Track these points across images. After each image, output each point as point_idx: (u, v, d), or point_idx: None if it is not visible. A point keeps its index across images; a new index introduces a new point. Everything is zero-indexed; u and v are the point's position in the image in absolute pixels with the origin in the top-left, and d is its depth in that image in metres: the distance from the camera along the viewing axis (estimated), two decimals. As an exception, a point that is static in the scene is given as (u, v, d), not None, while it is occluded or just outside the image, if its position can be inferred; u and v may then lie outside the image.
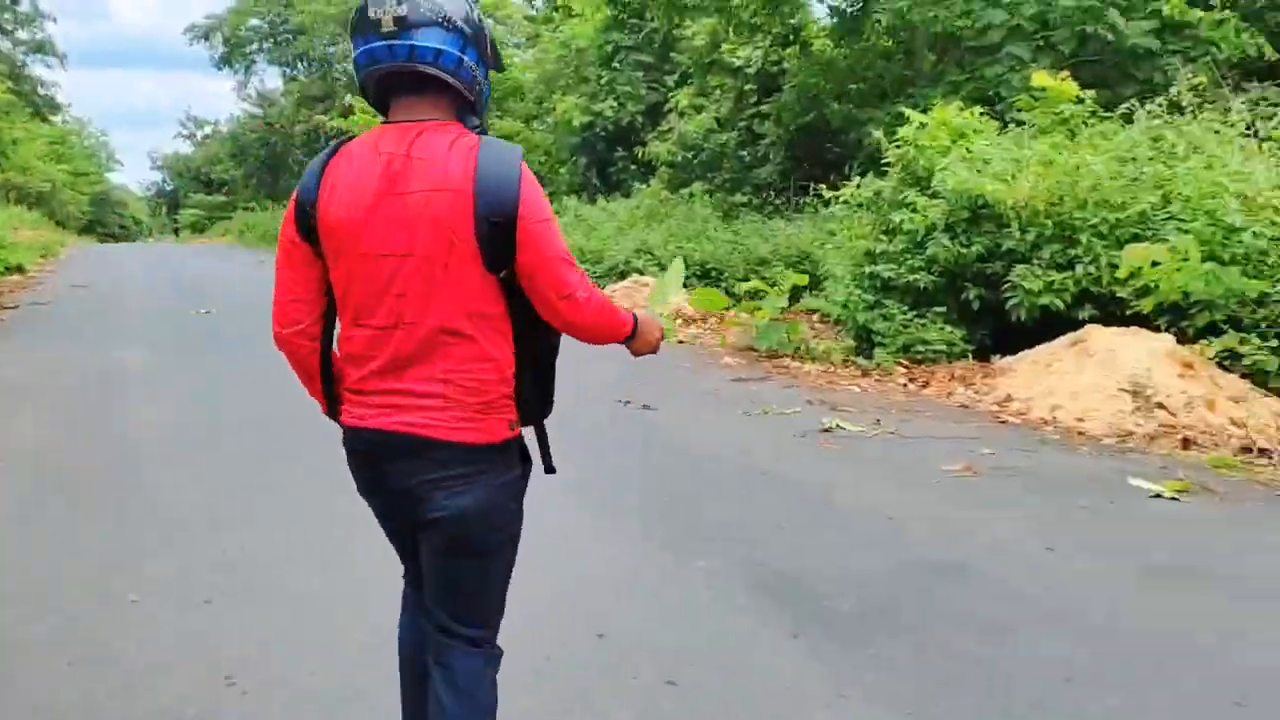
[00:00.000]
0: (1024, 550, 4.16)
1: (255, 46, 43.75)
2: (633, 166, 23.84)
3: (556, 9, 30.82)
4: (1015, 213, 8.80)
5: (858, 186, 9.93)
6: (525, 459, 2.12)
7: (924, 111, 10.09)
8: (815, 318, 11.23)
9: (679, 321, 11.71)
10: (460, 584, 2.04)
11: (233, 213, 57.99)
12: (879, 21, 14.81)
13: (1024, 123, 10.48)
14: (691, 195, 18.60)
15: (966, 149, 9.31)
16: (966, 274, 9.02)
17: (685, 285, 10.48)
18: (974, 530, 4.42)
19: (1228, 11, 12.38)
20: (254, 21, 42.85)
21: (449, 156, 1.87)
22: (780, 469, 5.44)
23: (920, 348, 8.84)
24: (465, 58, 1.91)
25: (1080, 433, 6.53)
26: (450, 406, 1.91)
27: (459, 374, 1.91)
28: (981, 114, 10.21)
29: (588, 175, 24.54)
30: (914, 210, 9.24)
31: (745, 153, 19.95)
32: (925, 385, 8.20)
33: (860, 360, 9.11)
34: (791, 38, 19.70)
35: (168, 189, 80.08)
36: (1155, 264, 7.33)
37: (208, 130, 70.52)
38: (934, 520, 4.55)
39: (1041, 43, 12.80)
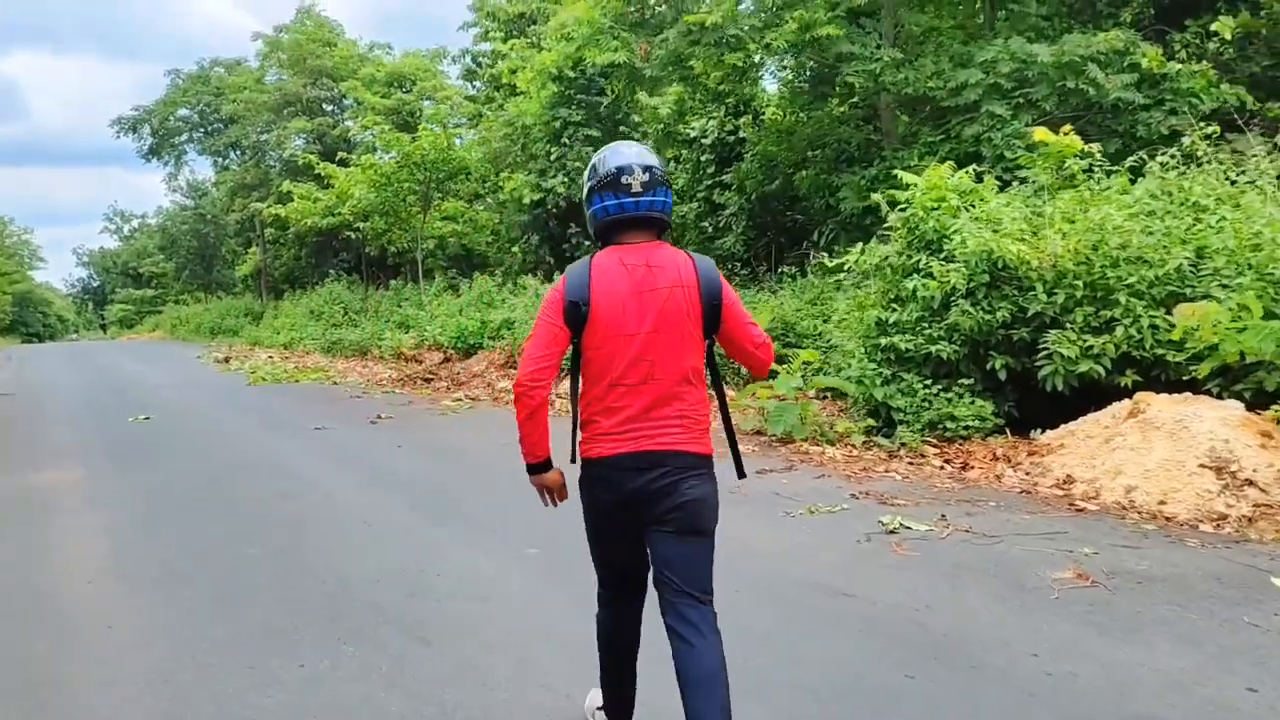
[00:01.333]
0: (1222, 696, 3.32)
1: (185, 137, 42.64)
2: (586, 243, 23.19)
3: (498, 88, 30.44)
4: (1039, 274, 8.17)
5: (861, 252, 9.23)
6: None
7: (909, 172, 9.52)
8: (813, 394, 10.44)
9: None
10: (695, 558, 2.82)
11: (163, 306, 56.36)
12: (847, 86, 14.37)
13: (1024, 180, 9.99)
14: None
15: (977, 210, 8.68)
16: (990, 342, 8.34)
17: None
18: (1141, 667, 3.57)
19: (1204, 63, 12.13)
20: (183, 111, 41.79)
21: (677, 265, 2.82)
22: (864, 589, 4.56)
23: (949, 424, 8.08)
24: (669, 200, 2.87)
25: (1167, 518, 5.77)
26: (686, 429, 2.79)
27: (690, 409, 2.81)
28: (978, 173, 9.63)
29: (540, 253, 23.80)
30: (928, 276, 8.57)
31: (707, 223, 19.42)
32: (966, 467, 7.41)
33: (882, 440, 8.33)
34: (743, 107, 19.38)
35: (94, 285, 78.00)
36: (1214, 323, 6.69)
37: (135, 224, 68.99)
38: (1086, 657, 3.69)
39: (1021, 100, 12.41)
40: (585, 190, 2.92)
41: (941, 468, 7.47)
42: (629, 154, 2.86)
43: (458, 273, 28.56)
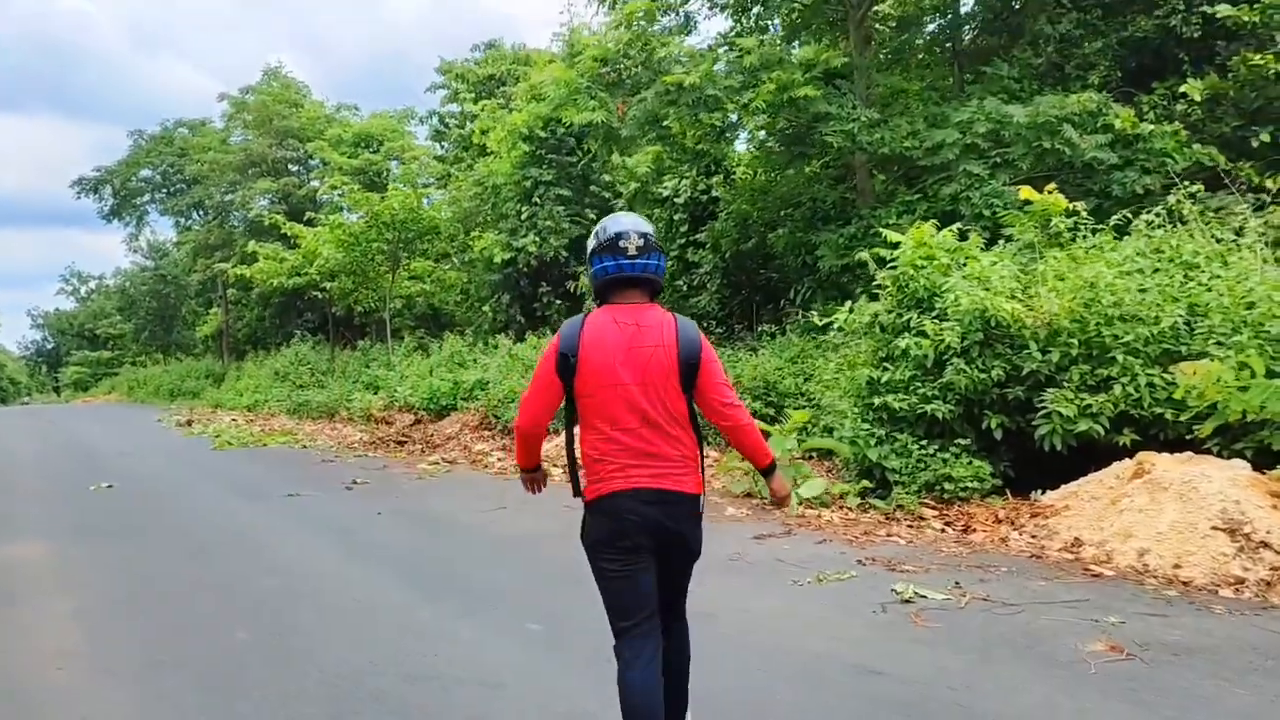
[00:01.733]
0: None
1: (147, 197, 42.19)
2: (557, 301, 23.08)
3: (466, 148, 30.48)
4: (1033, 333, 8.12)
5: (851, 310, 9.15)
6: None
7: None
8: (801, 455, 10.26)
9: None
10: (684, 582, 3.41)
11: (120, 368, 55.29)
12: (823, 145, 14.45)
13: (1008, 238, 10.01)
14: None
15: (968, 268, 8.64)
16: (985, 401, 8.25)
17: None
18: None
19: (1175, 124, 12.32)
20: (145, 172, 41.39)
21: (662, 327, 3.22)
22: (893, 666, 4.35)
23: (947, 485, 7.94)
24: (661, 264, 3.29)
25: (1184, 582, 5.64)
26: (689, 471, 3.22)
27: (689, 452, 3.23)
28: (962, 231, 9.61)
29: (511, 312, 23.61)
30: (920, 334, 8.50)
31: (681, 281, 19.37)
32: (968, 530, 7.26)
33: (878, 502, 8.17)
34: (714, 167, 19.48)
35: (48, 347, 76.50)
36: (1217, 380, 6.62)
37: (93, 285, 68.03)
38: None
39: (998, 159, 12.52)
40: (588, 252, 3.32)
41: (943, 531, 7.32)
42: (627, 222, 3.28)
43: (426, 332, 28.29)
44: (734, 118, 15.23)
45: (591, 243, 3.29)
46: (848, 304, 9.46)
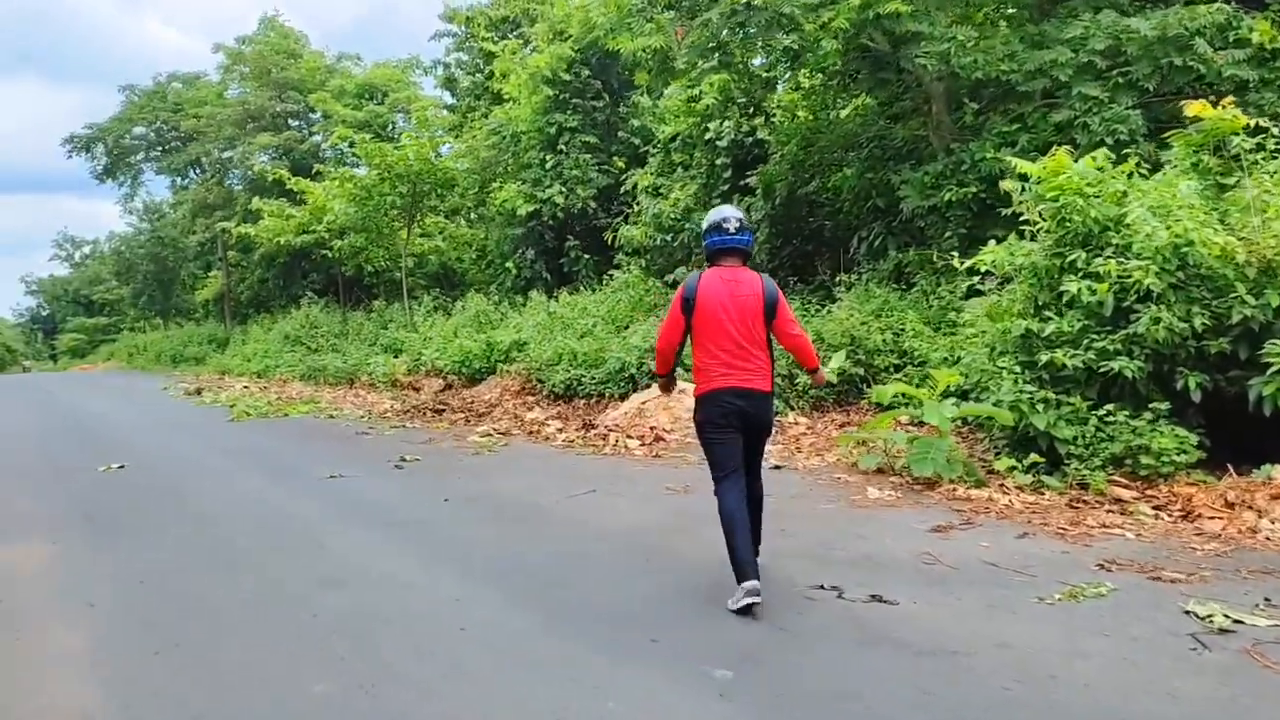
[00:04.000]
0: None
1: (141, 156, 40.38)
2: (586, 256, 21.58)
3: (479, 96, 28.78)
4: (1239, 272, 6.69)
5: (1007, 250, 7.70)
6: None
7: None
8: (907, 422, 8.84)
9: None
10: (761, 447, 5.06)
11: (117, 335, 53.74)
12: (904, 73, 12.90)
13: (1162, 165, 8.54)
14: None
15: (1149, 196, 7.19)
16: (1178, 356, 6.83)
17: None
18: None
19: (1321, 36, 10.76)
20: (139, 129, 39.53)
21: (753, 281, 4.84)
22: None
23: (1144, 459, 6.54)
24: (750, 239, 4.94)
25: None
26: (763, 375, 4.81)
27: (763, 363, 4.82)
28: (1117, 156, 8.14)
29: (536, 268, 22.10)
30: (1090, 277, 7.07)
31: (728, 231, 17.83)
32: (1188, 515, 5.88)
33: (1051, 480, 6.78)
34: (753, 109, 17.91)
35: (43, 314, 74.88)
36: None
37: (87, 250, 66.28)
38: None
39: (1118, 79, 10.99)
40: (703, 231, 5.06)
41: (1156, 517, 5.93)
42: (728, 211, 4.98)
43: (441, 292, 26.78)
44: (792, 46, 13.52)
45: (704, 225, 5.04)
46: (990, 244, 8.00)
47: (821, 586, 4.78)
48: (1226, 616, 4.02)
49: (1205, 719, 3.20)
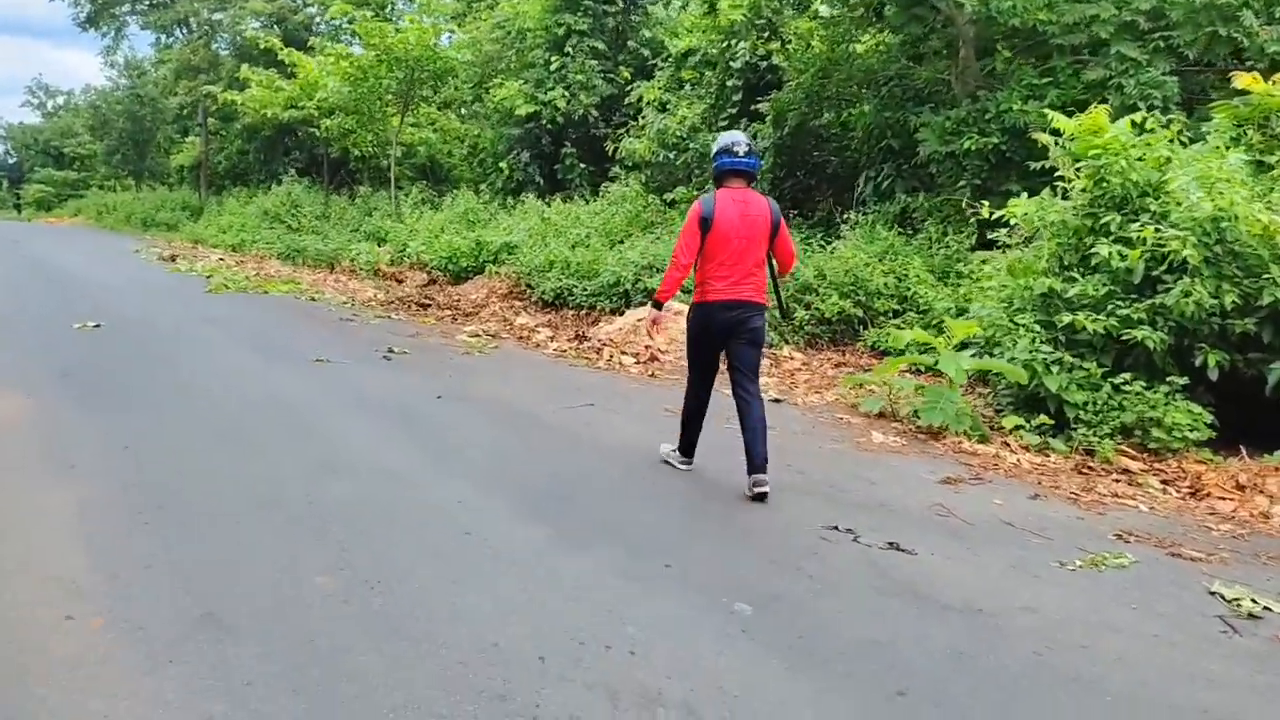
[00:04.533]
0: None
1: (127, 7, 38.87)
2: (582, 165, 21.09)
3: (486, -16, 27.81)
4: (1275, 254, 6.56)
5: (1039, 205, 7.49)
6: None
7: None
8: (924, 375, 8.71)
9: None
10: (755, 357, 5.34)
11: (86, 191, 52.30)
12: (933, 11, 12.50)
13: (1200, 135, 8.34)
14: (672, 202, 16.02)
15: (1197, 164, 7.00)
16: (1200, 332, 6.72)
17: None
18: None
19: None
20: (126, -22, 38.06)
21: (761, 203, 5.25)
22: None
23: (1155, 432, 6.46)
24: (756, 163, 5.30)
25: None
26: (759, 290, 5.26)
27: (761, 279, 5.28)
28: (1162, 121, 7.91)
29: (530, 171, 21.58)
30: (1120, 241, 6.91)
31: (732, 156, 17.44)
32: (1197, 494, 5.82)
33: (1057, 443, 6.70)
34: (769, 34, 17.40)
35: (10, 161, 72.65)
36: None
37: (61, 100, 64.15)
38: None
39: (1160, 42, 10.71)
40: (713, 153, 5.50)
41: (1164, 491, 5.87)
42: (738, 135, 5.38)
43: (428, 184, 26.17)
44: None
45: (714, 148, 5.49)
46: (1023, 195, 7.79)
47: (836, 528, 4.67)
48: (1255, 602, 3.95)
49: (1247, 706, 3.12)
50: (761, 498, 5.02)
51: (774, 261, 5.44)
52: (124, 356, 8.32)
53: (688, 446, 5.69)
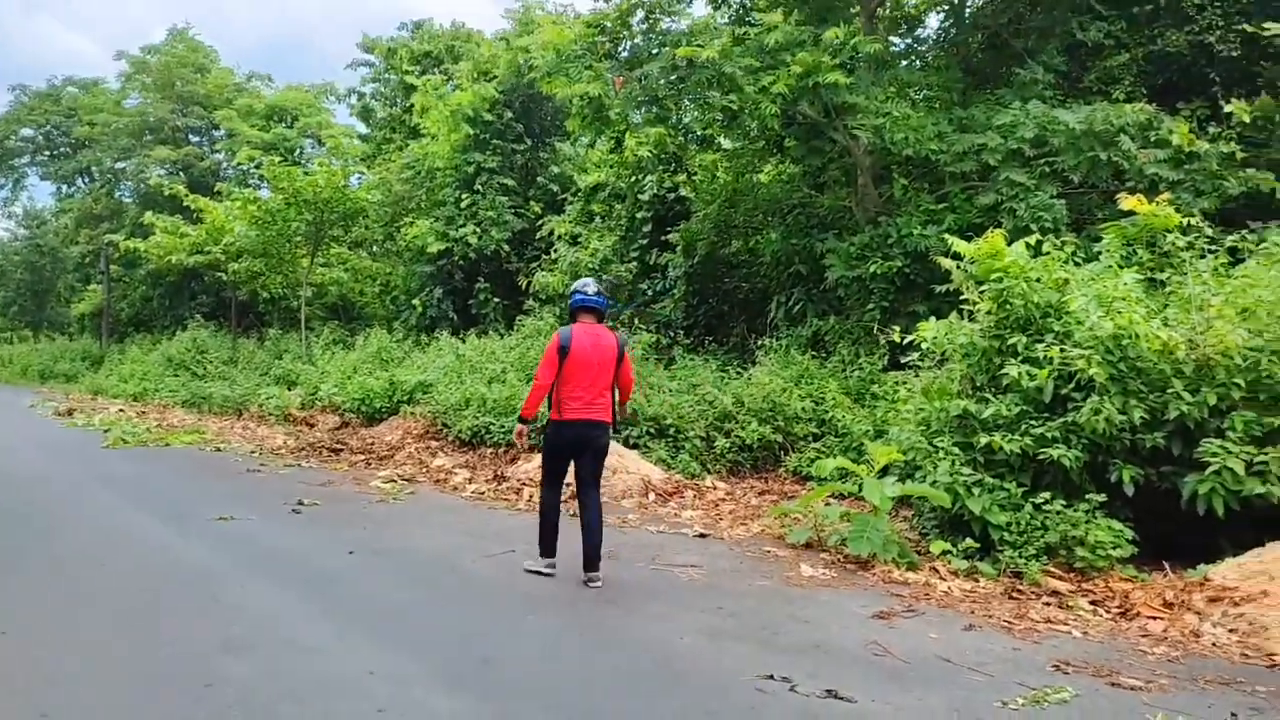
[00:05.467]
0: None
1: (27, 159, 38.37)
2: (495, 299, 21.09)
3: (395, 129, 28.24)
4: (1175, 368, 6.74)
5: (946, 330, 7.62)
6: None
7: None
8: (847, 501, 8.65)
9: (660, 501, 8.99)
10: (598, 467, 6.35)
11: (-18, 344, 50.58)
12: (830, 144, 12.99)
13: (1089, 257, 8.67)
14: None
15: (1097, 285, 7.23)
16: (1111, 448, 6.82)
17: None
18: None
19: (1234, 145, 11.18)
20: (26, 131, 37.64)
21: (609, 336, 6.37)
22: None
23: (1080, 551, 6.46)
24: (605, 302, 6.49)
25: None
26: (607, 411, 6.27)
27: (608, 401, 6.28)
28: (1037, 245, 8.17)
29: (443, 308, 21.51)
30: (1028, 361, 7.05)
31: (645, 285, 17.69)
32: (1126, 614, 5.78)
33: (985, 567, 6.65)
34: (676, 166, 17.92)
35: (-100, 316, 70.00)
36: None
37: (-45, 251, 62.46)
38: None
39: (1045, 168, 11.24)
40: (570, 292, 6.58)
41: (1094, 613, 5.82)
42: (588, 281, 6.53)
43: (339, 324, 25.89)
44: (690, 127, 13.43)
45: (571, 289, 6.53)
46: (931, 321, 7.93)
47: (771, 677, 4.47)
48: (1198, 731, 3.86)
49: None
50: (592, 582, 6.15)
51: (617, 389, 6.43)
52: (7, 522, 7.80)
53: (548, 549, 6.41)
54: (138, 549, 7.01)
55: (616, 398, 6.46)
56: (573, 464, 6.31)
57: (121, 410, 19.99)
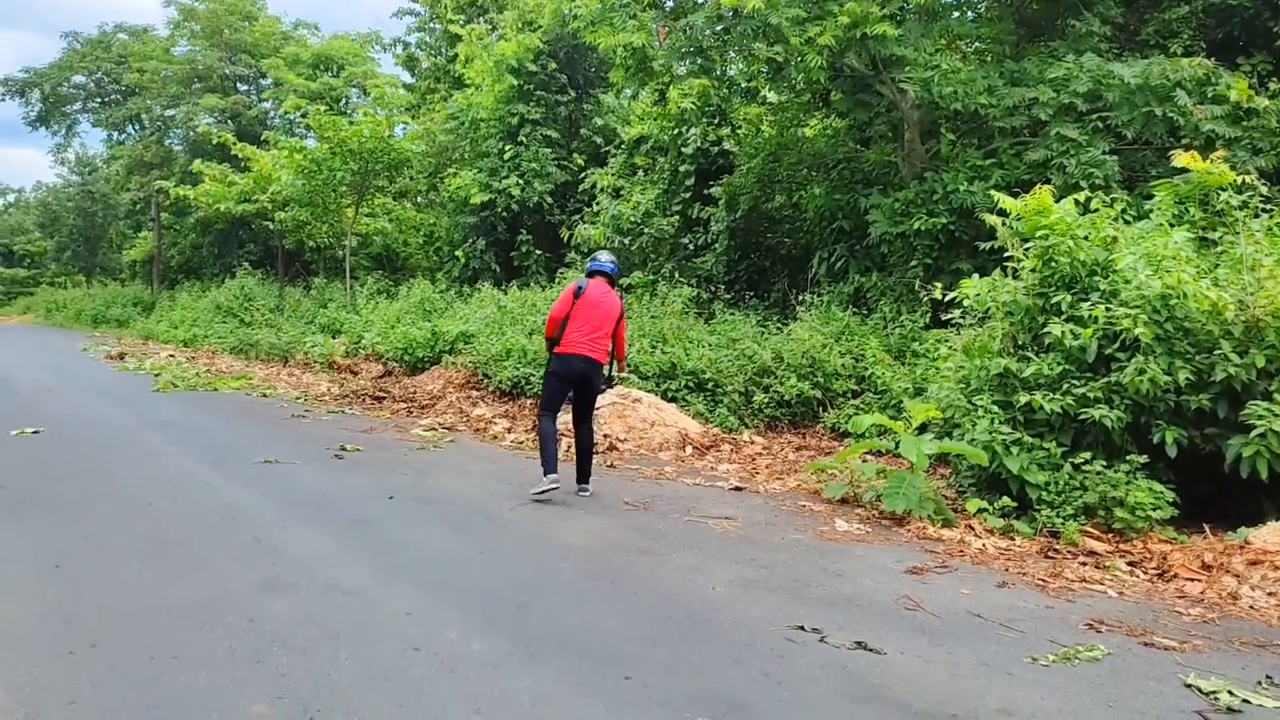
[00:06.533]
0: None
1: (79, 106, 38.87)
2: (538, 252, 21.14)
3: (439, 79, 28.18)
4: (1224, 329, 6.61)
5: (991, 286, 7.53)
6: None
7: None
8: (886, 458, 8.63)
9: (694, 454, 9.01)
10: (593, 400, 7.68)
11: (36, 288, 51.71)
12: (881, 95, 12.77)
13: (1143, 213, 8.49)
14: (649, 286, 16.03)
15: (1145, 243, 7.09)
16: (1155, 409, 6.72)
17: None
18: None
19: (1291, 100, 10.83)
20: (79, 79, 38.09)
21: (615, 296, 7.72)
22: None
23: (1119, 512, 6.40)
24: (616, 269, 7.93)
25: None
26: (604, 355, 7.52)
27: (606, 348, 7.54)
28: (1086, 202, 8.01)
29: (486, 259, 21.59)
30: (1072, 320, 6.95)
31: (686, 239, 17.60)
32: (1164, 574, 5.74)
33: (1021, 526, 6.62)
34: (720, 119, 17.71)
35: (-43, 260, 71.69)
36: None
37: (11, 198, 63.72)
38: None
39: (1098, 123, 10.98)
40: (589, 259, 7.88)
41: (1131, 573, 5.79)
42: (602, 255, 7.88)
43: (383, 274, 26.11)
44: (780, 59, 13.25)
45: (591, 258, 7.88)
46: (974, 274, 7.84)
47: (802, 628, 4.51)
48: (1233, 694, 3.84)
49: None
50: (582, 492, 7.50)
51: (614, 345, 7.60)
52: (62, 466, 8.03)
53: (551, 467, 7.23)
54: (186, 491, 7.19)
55: (614, 351, 7.63)
56: (571, 399, 7.50)
57: (171, 355, 20.41)
